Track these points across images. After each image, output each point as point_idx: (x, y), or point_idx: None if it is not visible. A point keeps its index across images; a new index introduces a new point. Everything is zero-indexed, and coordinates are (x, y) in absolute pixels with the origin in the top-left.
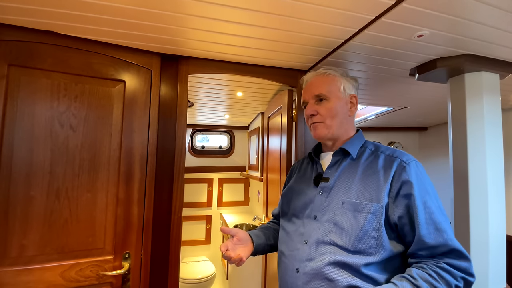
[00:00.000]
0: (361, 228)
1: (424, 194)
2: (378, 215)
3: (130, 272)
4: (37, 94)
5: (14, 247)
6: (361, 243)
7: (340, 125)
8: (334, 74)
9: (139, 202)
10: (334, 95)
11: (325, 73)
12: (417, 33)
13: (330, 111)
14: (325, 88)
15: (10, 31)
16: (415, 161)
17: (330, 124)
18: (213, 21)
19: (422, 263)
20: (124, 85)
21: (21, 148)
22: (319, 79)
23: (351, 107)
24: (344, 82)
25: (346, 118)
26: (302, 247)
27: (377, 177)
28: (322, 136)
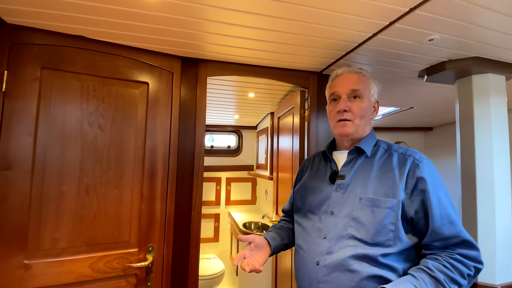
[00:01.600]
0: (379, 222)
1: (437, 189)
2: (396, 209)
3: (153, 265)
4: (68, 95)
5: (47, 240)
6: (379, 236)
7: (364, 126)
8: (368, 76)
9: (161, 198)
10: (367, 96)
11: (361, 73)
12: (428, 37)
13: (361, 110)
14: (361, 85)
15: (43, 36)
16: (426, 159)
17: (358, 124)
18: (231, 26)
19: (437, 255)
20: (148, 87)
21: (53, 146)
22: (355, 76)
23: (374, 112)
24: (374, 87)
25: (369, 121)
26: (321, 242)
27: (392, 174)
28: (349, 134)
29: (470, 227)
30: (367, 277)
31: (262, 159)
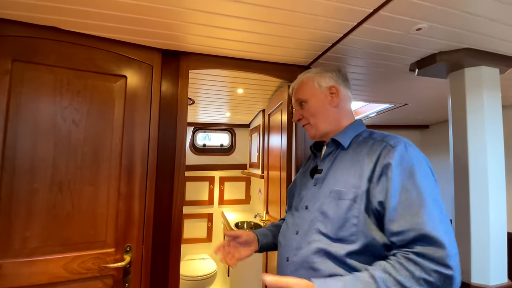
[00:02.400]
0: (342, 215)
1: (405, 177)
2: (359, 201)
3: (131, 265)
4: (41, 89)
5: (17, 239)
6: (342, 231)
7: (325, 119)
8: (308, 76)
9: (140, 196)
10: (311, 95)
11: (301, 79)
12: (415, 26)
13: (309, 111)
14: (302, 92)
15: (14, 27)
16: (405, 144)
17: (314, 123)
18: (213, 15)
19: (395, 253)
20: (126, 80)
21: (24, 142)
22: (297, 86)
23: (333, 98)
24: (318, 78)
25: (329, 110)
26: (294, 237)
27: (361, 163)
28: (312, 135)
29: (463, 227)
30: (328, 275)
31: (254, 157)
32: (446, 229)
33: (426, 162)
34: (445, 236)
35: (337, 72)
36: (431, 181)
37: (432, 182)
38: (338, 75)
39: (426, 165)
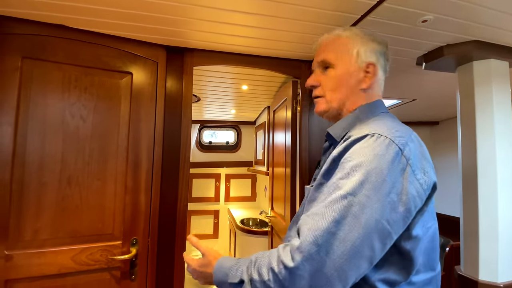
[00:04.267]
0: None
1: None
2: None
3: (137, 258)
4: (49, 85)
5: (28, 231)
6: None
7: (345, 99)
8: (347, 36)
9: (146, 190)
10: (343, 62)
11: (338, 35)
12: (421, 18)
13: (332, 81)
14: (332, 52)
15: (23, 25)
16: (370, 137)
17: (330, 99)
18: (218, 11)
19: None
20: (131, 77)
21: (34, 137)
22: (328, 42)
23: (366, 78)
24: (360, 45)
25: (354, 91)
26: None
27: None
28: (319, 112)
29: (471, 224)
30: None
31: (260, 154)
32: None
33: (388, 162)
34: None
35: (384, 47)
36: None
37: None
38: (383, 51)
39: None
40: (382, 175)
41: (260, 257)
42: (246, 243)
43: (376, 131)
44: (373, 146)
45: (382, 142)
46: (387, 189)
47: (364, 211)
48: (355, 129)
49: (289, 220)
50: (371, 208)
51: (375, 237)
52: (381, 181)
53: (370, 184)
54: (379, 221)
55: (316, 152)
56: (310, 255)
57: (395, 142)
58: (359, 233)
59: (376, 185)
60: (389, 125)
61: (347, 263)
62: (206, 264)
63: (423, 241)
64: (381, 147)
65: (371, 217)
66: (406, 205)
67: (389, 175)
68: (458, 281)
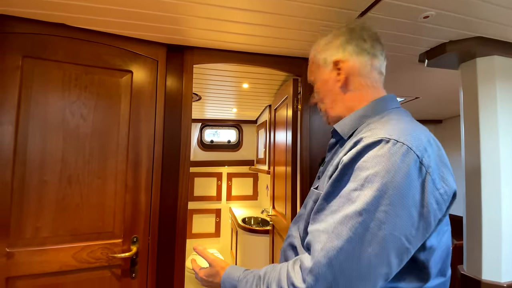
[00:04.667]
0: (307, 217)
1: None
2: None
3: (138, 256)
4: (50, 84)
5: (29, 229)
6: (306, 233)
7: (333, 105)
8: (316, 50)
9: (146, 189)
10: (318, 75)
11: (311, 56)
12: (423, 14)
13: (318, 95)
14: (310, 71)
15: (24, 24)
16: (381, 141)
17: (324, 109)
18: (218, 8)
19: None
20: (132, 75)
21: (35, 135)
22: (309, 66)
23: (338, 76)
24: (324, 53)
25: (334, 93)
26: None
27: (334, 161)
28: (325, 122)
29: (474, 223)
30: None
31: (261, 153)
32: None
33: (404, 173)
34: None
35: (349, 34)
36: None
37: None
38: (350, 38)
39: (395, 177)
40: (400, 188)
41: (269, 273)
42: (248, 242)
43: (391, 136)
44: (389, 155)
45: (399, 150)
46: (406, 203)
47: (382, 227)
48: (365, 128)
49: (290, 219)
50: (389, 225)
51: (393, 254)
52: (399, 195)
53: (387, 199)
54: (397, 237)
55: (317, 151)
56: (323, 277)
57: (413, 149)
58: (376, 252)
59: (394, 200)
60: (404, 127)
61: (362, 283)
62: (214, 274)
63: (438, 250)
64: (398, 156)
65: (389, 234)
66: (427, 219)
67: (408, 188)
68: (461, 281)
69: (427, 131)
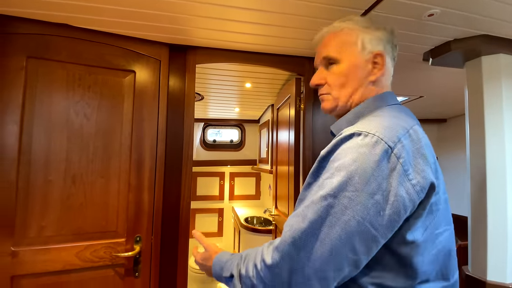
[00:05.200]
0: None
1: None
2: None
3: (141, 255)
4: (54, 84)
5: (33, 228)
6: None
7: (354, 94)
8: (349, 27)
9: (149, 188)
10: (348, 56)
11: (336, 29)
12: (427, 12)
13: (339, 77)
14: (335, 47)
15: (28, 25)
16: (356, 134)
17: (337, 96)
18: (220, 8)
19: None
20: (134, 75)
21: (39, 135)
22: (329, 36)
23: (375, 69)
24: (364, 35)
25: (363, 85)
26: None
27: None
28: (326, 109)
29: (479, 224)
30: None
31: (264, 153)
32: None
33: (372, 162)
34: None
35: (390, 34)
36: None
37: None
38: (390, 38)
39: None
40: (365, 175)
41: (249, 254)
42: (250, 242)
43: (364, 129)
44: (358, 146)
45: (369, 141)
46: (371, 190)
47: (345, 212)
48: (354, 125)
49: None
50: (352, 210)
51: (357, 240)
52: (364, 182)
53: (352, 186)
54: (361, 223)
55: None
56: (287, 254)
57: (384, 140)
58: (339, 235)
59: (358, 186)
60: (384, 120)
61: (326, 264)
62: (207, 258)
63: (426, 247)
64: (367, 147)
65: (352, 218)
66: (394, 208)
67: (374, 176)
68: (466, 282)
69: (410, 125)
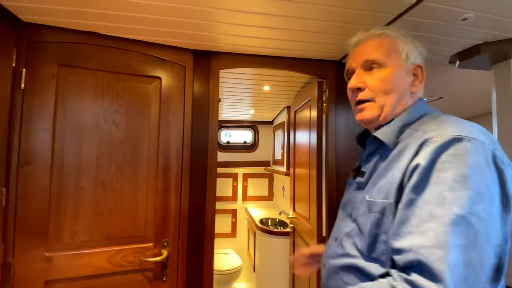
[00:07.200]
0: (372, 230)
1: (432, 184)
2: (387, 214)
3: (168, 259)
4: (84, 92)
5: (66, 233)
6: (373, 249)
7: (398, 104)
8: (394, 36)
9: (176, 193)
10: (393, 62)
11: (382, 34)
12: (462, 16)
13: (385, 82)
14: (380, 51)
15: (58, 33)
16: (453, 139)
17: (383, 103)
18: (244, 14)
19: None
20: (160, 81)
21: (70, 142)
22: (372, 41)
23: (415, 81)
24: (408, 47)
25: (406, 94)
26: (332, 243)
27: (395, 166)
28: (370, 120)
29: None
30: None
31: (278, 154)
32: (457, 262)
33: (487, 169)
34: (448, 271)
35: (423, 49)
36: (478, 197)
37: (478, 198)
38: (423, 52)
39: (480, 174)
40: (487, 184)
41: None
42: (266, 244)
43: (461, 133)
44: (468, 153)
45: (475, 146)
46: (495, 198)
47: (485, 226)
48: (414, 131)
49: (314, 222)
50: (488, 223)
51: (492, 253)
52: (489, 191)
53: (482, 197)
54: (496, 235)
55: (343, 154)
56: None
57: (486, 144)
58: (488, 254)
59: (487, 197)
60: (463, 124)
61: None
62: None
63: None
64: (477, 153)
65: (490, 232)
66: (509, 211)
67: (493, 182)
68: None
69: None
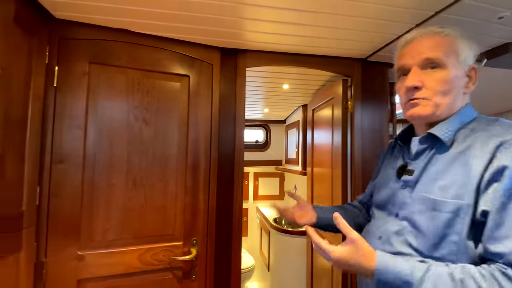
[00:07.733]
0: (439, 230)
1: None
2: (462, 215)
3: (197, 258)
4: (114, 89)
5: (98, 231)
6: (438, 249)
7: (453, 104)
8: (454, 35)
9: (204, 191)
10: (452, 63)
11: (442, 32)
12: (498, 15)
13: (443, 84)
14: (441, 51)
15: (89, 30)
16: None
17: (439, 102)
18: (271, 10)
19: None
20: (189, 79)
21: (102, 139)
22: (431, 39)
23: (469, 83)
24: (465, 49)
25: (460, 96)
26: (375, 242)
27: (467, 167)
28: (424, 116)
29: None
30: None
31: (292, 153)
32: None
33: None
34: None
35: (477, 50)
36: None
37: None
38: (476, 54)
39: None
40: None
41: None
42: (281, 243)
43: None
44: None
45: None
46: None
47: None
48: (474, 132)
49: None
50: None
51: None
52: None
53: None
54: None
55: (369, 153)
56: None
57: None
58: None
59: None
60: None
61: None
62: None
63: None
64: None
65: None
66: None
67: None
68: None
69: None
